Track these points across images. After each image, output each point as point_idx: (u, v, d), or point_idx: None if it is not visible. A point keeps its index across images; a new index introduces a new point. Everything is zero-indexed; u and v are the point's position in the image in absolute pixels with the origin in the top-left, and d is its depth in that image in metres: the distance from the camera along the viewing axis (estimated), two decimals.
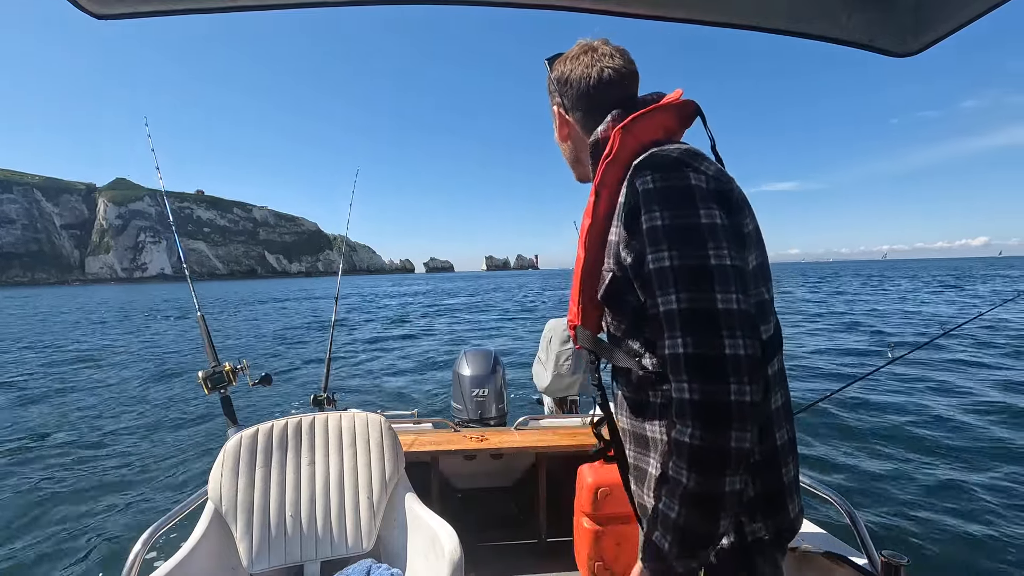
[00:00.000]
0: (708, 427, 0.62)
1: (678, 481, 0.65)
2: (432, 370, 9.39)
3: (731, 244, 0.67)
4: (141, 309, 29.32)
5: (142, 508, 3.91)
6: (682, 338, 0.64)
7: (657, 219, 0.68)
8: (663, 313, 0.67)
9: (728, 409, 0.61)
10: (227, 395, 1.94)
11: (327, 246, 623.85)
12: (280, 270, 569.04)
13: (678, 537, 0.65)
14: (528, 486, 2.37)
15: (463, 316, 21.82)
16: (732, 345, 0.62)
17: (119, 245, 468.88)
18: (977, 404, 6.00)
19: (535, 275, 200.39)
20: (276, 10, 0.80)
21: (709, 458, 0.62)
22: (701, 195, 0.68)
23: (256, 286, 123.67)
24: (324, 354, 2.47)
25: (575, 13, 0.88)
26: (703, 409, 0.62)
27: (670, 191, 0.69)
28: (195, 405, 7.02)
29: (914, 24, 0.89)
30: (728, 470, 0.62)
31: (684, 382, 0.64)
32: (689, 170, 0.70)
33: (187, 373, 9.53)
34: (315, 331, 16.20)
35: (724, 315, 0.63)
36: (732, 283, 0.65)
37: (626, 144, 0.77)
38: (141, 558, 1.25)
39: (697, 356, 0.63)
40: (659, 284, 0.67)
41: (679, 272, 0.66)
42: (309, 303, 34.47)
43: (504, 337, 14.32)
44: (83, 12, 0.73)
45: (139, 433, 5.89)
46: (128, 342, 14.92)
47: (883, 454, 4.57)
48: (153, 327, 19.47)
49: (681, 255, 0.66)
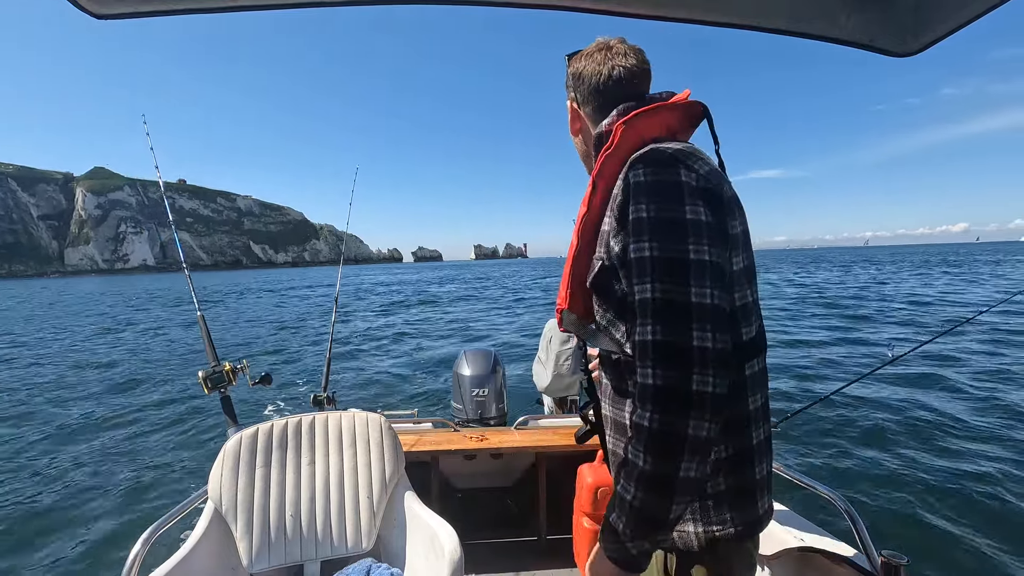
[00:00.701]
0: (667, 412, 0.64)
1: (635, 464, 0.67)
2: (432, 370, 9.39)
3: (713, 242, 0.68)
4: (138, 303, 29.29)
5: (142, 508, 3.91)
6: (652, 326, 0.66)
7: (643, 211, 0.70)
8: (638, 301, 0.69)
9: (689, 397, 0.63)
10: (227, 395, 1.94)
11: (314, 236, 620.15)
12: (266, 260, 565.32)
13: (632, 519, 0.67)
14: (528, 486, 2.37)
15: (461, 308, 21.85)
16: (700, 338, 0.64)
17: (99, 236, 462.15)
18: (977, 404, 6.00)
19: (525, 263, 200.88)
20: (276, 10, 0.80)
21: (666, 442, 0.64)
22: (689, 191, 0.70)
23: (241, 276, 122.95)
24: (323, 353, 2.47)
25: (576, 13, 0.88)
26: (664, 394, 0.64)
27: (659, 185, 0.71)
28: (195, 405, 7.03)
29: (914, 24, 0.89)
30: (684, 455, 0.64)
31: (648, 368, 0.66)
32: (681, 167, 0.72)
33: (187, 372, 9.53)
34: (307, 341, 16.19)
35: (696, 308, 0.65)
36: (708, 279, 0.66)
37: (627, 138, 0.79)
38: (141, 558, 1.25)
39: (664, 344, 0.65)
40: (637, 273, 0.69)
41: (657, 263, 0.68)
42: (297, 295, 33.97)
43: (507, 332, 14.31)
44: (83, 12, 0.73)
45: (139, 433, 5.89)
46: (127, 339, 14.92)
47: (883, 454, 4.57)
48: (151, 325, 19.48)
49: (661, 247, 0.68)
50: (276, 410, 6.62)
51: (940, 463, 4.31)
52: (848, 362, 8.97)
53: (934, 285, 23.22)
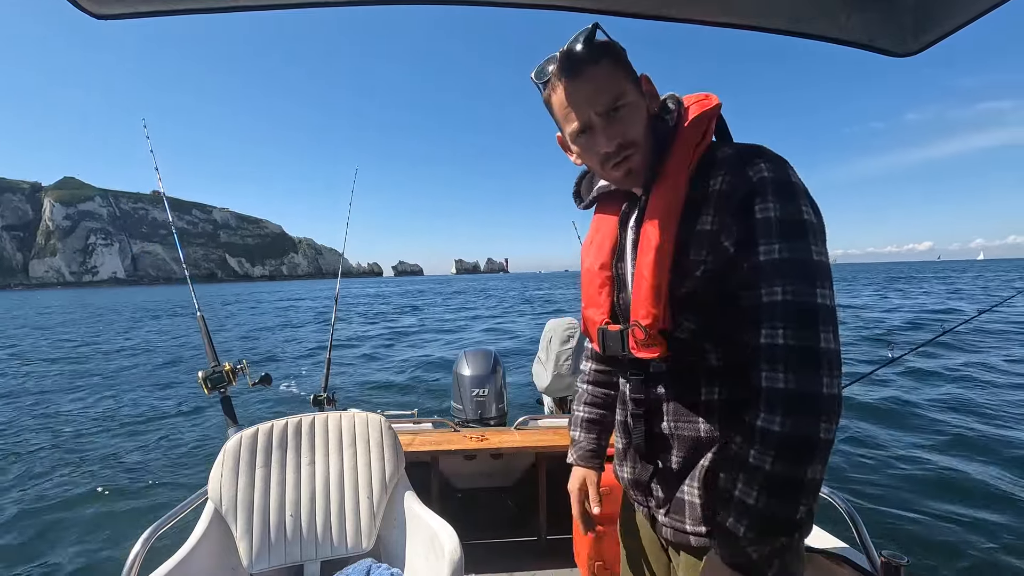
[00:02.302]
0: (801, 417, 0.64)
1: (759, 467, 0.66)
2: (432, 370, 9.38)
3: (826, 247, 0.69)
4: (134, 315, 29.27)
5: (142, 508, 3.91)
6: (784, 329, 0.65)
7: (775, 210, 0.68)
8: (765, 303, 0.67)
9: (820, 401, 0.64)
10: (227, 395, 1.94)
11: (292, 249, 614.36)
12: (242, 274, 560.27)
13: (755, 522, 0.66)
14: (528, 486, 2.37)
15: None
16: (827, 339, 0.65)
17: (67, 247, 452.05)
18: (977, 403, 6.00)
19: (507, 278, 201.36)
20: (276, 10, 0.80)
21: (798, 446, 0.64)
22: (809, 196, 0.70)
23: (218, 290, 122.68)
24: (323, 353, 2.47)
25: (575, 13, 0.88)
26: (798, 399, 0.64)
27: (788, 185, 0.69)
28: (194, 405, 7.02)
29: (914, 24, 0.89)
30: (814, 459, 0.64)
31: (780, 372, 0.65)
32: (790, 168, 0.71)
33: (187, 368, 9.53)
34: (303, 350, 16.20)
35: (823, 311, 0.65)
36: (830, 282, 0.67)
37: (708, 135, 0.77)
38: (141, 558, 1.24)
39: (797, 348, 0.65)
40: (770, 275, 0.67)
41: (791, 265, 0.66)
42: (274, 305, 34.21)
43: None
44: (83, 12, 0.73)
45: (139, 433, 5.89)
46: (125, 342, 14.92)
47: (883, 453, 4.57)
48: (147, 325, 19.50)
49: (793, 249, 0.66)
50: (282, 393, 6.61)
51: (940, 463, 4.31)
52: (847, 362, 8.95)
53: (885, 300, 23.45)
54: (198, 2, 0.76)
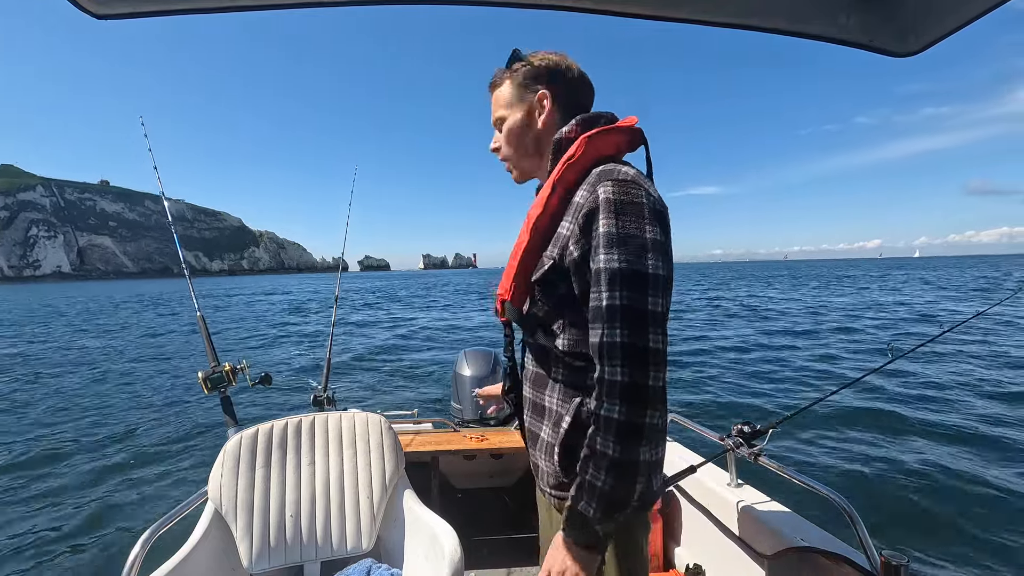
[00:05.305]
0: (634, 405, 0.74)
1: (604, 453, 0.75)
2: (431, 370, 9.38)
3: (665, 258, 0.80)
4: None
5: (142, 508, 3.91)
6: (620, 329, 0.76)
7: (612, 225, 0.79)
8: (605, 306, 0.77)
9: (649, 391, 0.74)
10: (227, 395, 1.94)
11: (252, 243, 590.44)
12: (199, 268, 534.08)
13: (603, 503, 0.75)
14: (528, 486, 2.37)
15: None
16: (655, 340, 0.76)
17: (5, 240, 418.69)
18: (978, 403, 6.00)
19: (475, 273, 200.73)
20: (276, 10, 0.80)
21: (633, 432, 0.74)
22: (649, 212, 0.80)
23: (170, 285, 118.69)
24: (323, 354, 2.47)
25: (575, 13, 0.88)
26: (631, 390, 0.74)
27: (627, 204, 0.80)
28: (194, 405, 7.02)
29: (914, 24, 0.89)
30: (646, 442, 0.75)
31: (617, 366, 0.75)
32: (642, 190, 0.82)
33: (186, 368, 9.53)
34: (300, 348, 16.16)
35: (652, 315, 0.76)
36: (660, 290, 0.78)
37: (587, 152, 0.88)
38: (141, 558, 1.24)
39: (630, 345, 0.75)
40: (607, 281, 0.78)
41: (625, 274, 0.77)
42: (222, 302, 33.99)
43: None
44: (83, 12, 0.73)
45: (138, 433, 5.88)
46: (126, 342, 14.91)
47: (883, 453, 4.57)
48: (145, 324, 19.47)
49: (628, 260, 0.77)
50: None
51: (940, 463, 4.31)
52: (847, 362, 8.97)
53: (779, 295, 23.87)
54: (198, 2, 0.77)
